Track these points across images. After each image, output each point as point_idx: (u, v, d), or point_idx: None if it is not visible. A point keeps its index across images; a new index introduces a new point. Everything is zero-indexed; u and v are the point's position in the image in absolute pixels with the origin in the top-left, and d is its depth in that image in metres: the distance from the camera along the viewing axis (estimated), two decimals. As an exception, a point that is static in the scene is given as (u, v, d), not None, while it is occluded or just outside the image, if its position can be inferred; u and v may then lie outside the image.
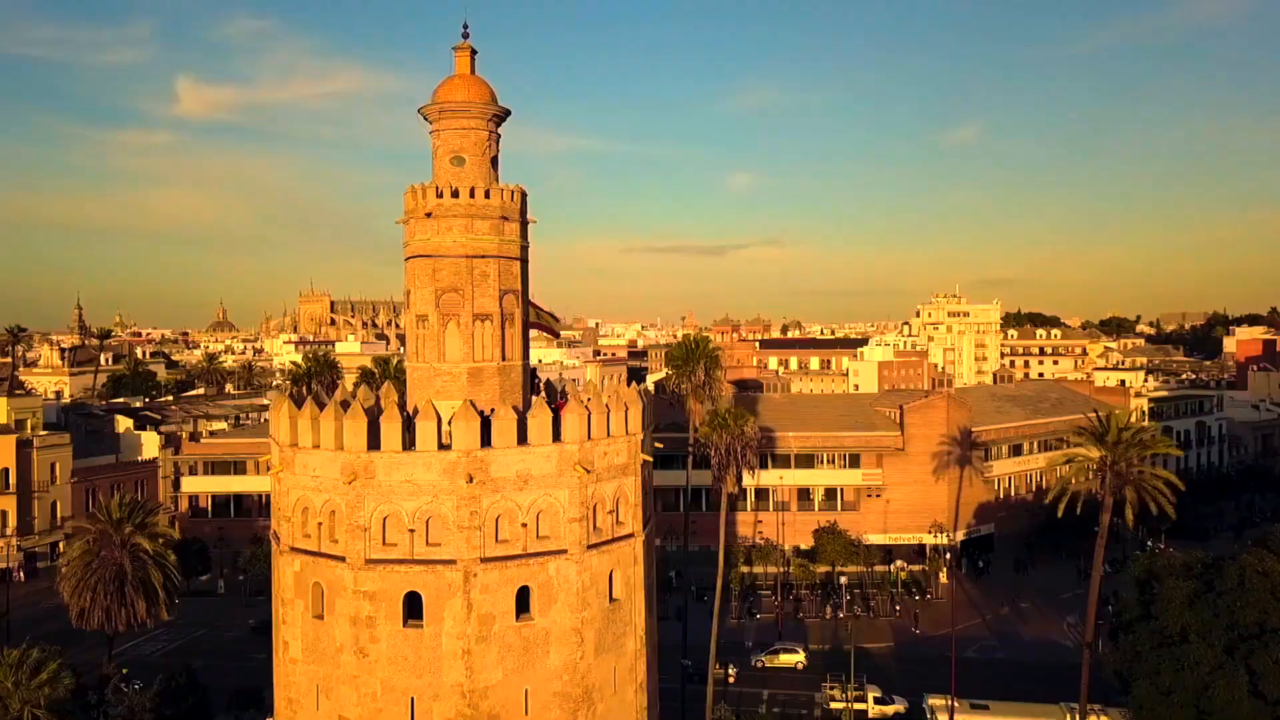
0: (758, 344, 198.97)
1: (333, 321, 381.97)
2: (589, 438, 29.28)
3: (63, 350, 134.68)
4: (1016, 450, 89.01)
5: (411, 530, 27.84)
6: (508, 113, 33.15)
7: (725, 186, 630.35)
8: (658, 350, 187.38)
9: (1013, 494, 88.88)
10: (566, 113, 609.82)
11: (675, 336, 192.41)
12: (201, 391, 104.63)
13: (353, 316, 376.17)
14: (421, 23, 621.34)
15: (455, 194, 31.19)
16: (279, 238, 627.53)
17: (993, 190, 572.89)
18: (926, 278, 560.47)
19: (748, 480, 64.69)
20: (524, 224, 32.96)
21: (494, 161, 33.12)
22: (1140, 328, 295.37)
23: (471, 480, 27.59)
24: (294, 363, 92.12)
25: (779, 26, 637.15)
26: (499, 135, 33.47)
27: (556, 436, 28.98)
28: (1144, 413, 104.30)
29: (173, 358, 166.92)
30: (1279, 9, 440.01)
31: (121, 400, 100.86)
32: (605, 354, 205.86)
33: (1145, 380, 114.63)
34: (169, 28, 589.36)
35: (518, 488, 28.19)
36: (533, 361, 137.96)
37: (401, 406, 31.54)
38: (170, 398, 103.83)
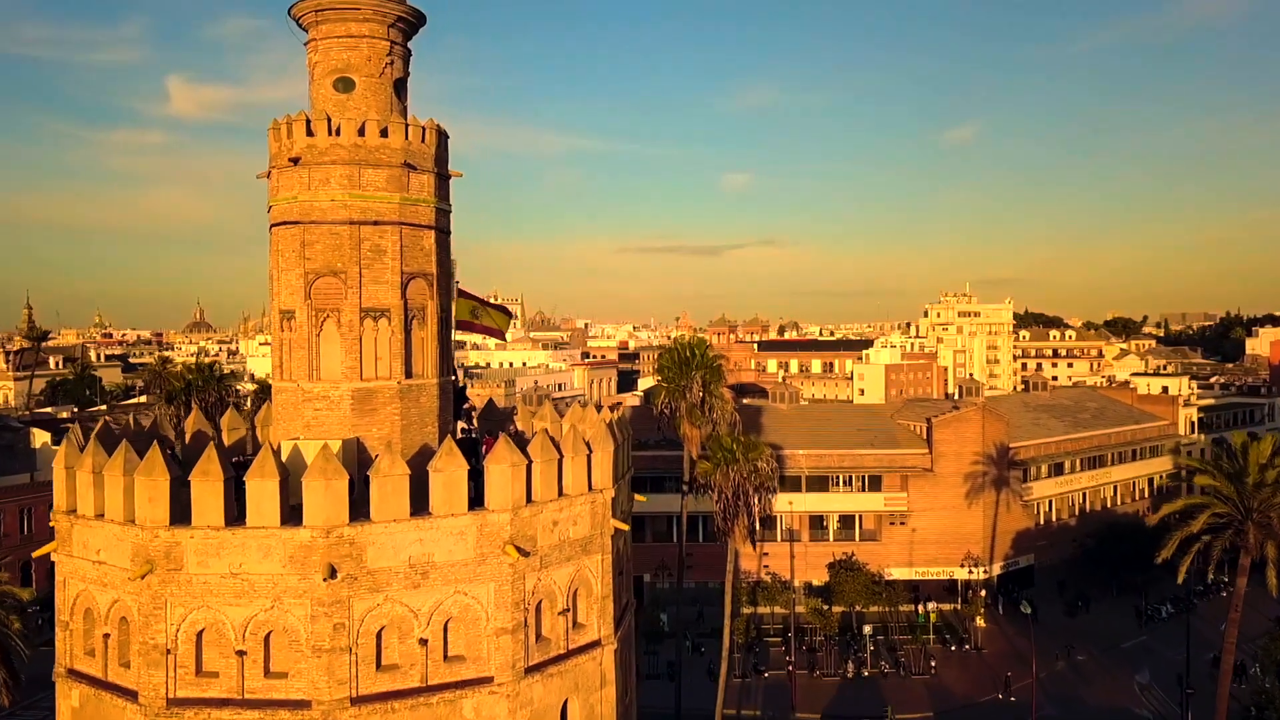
0: (756, 346, 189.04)
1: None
2: (528, 500, 18.87)
3: (8, 354, 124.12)
4: (1058, 469, 78.58)
5: (242, 653, 17.43)
6: (420, 18, 22.72)
7: (721, 186, 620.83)
8: (650, 352, 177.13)
9: (1054, 519, 78.41)
10: (563, 112, 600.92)
11: (669, 338, 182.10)
12: (143, 400, 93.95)
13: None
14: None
15: (335, 131, 20.80)
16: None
17: (990, 191, 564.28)
18: (924, 278, 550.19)
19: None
20: (443, 178, 22.55)
21: (399, 87, 22.69)
22: (1146, 329, 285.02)
23: (335, 574, 17.17)
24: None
25: (776, 26, 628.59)
26: (408, 51, 23.04)
27: (478, 501, 18.59)
28: (1193, 424, 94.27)
29: (130, 360, 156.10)
30: (1278, 8, 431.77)
31: (49, 409, 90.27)
32: (595, 356, 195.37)
33: (1192, 387, 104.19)
34: (161, 27, 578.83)
35: (411, 584, 17.77)
36: (514, 364, 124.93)
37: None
38: (104, 406, 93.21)
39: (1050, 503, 78.29)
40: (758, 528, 41.75)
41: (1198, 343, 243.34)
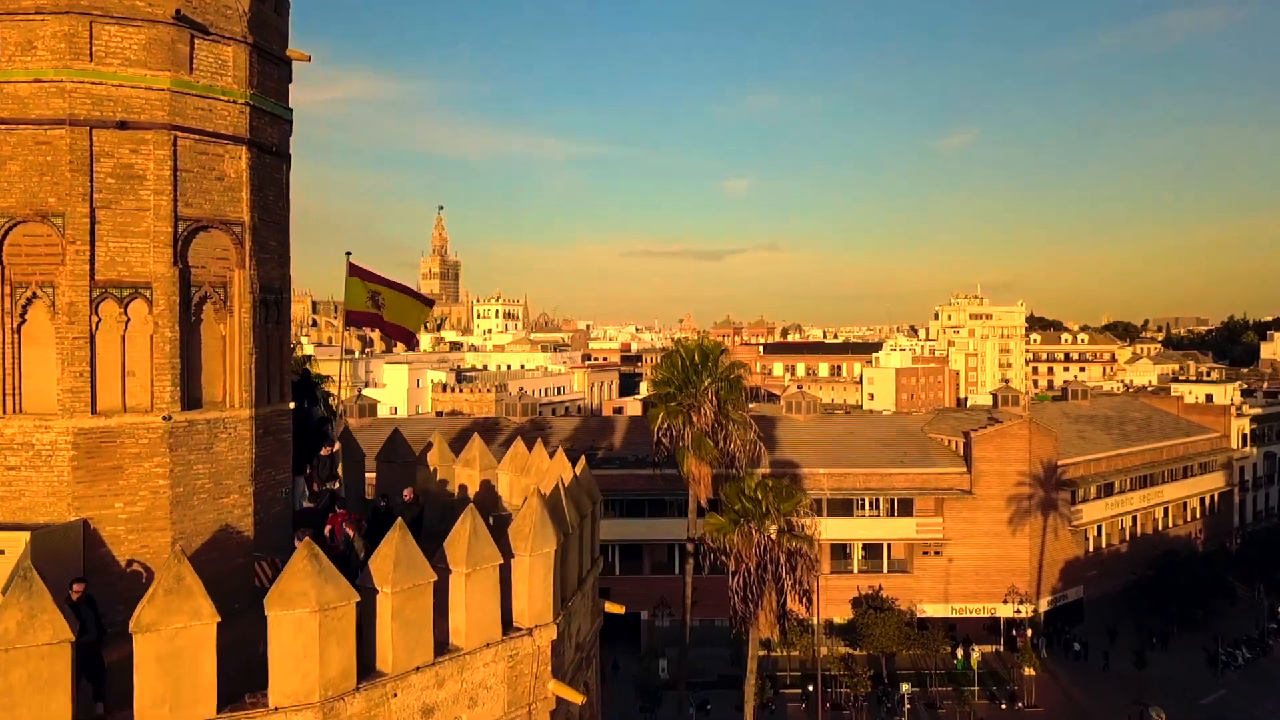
0: (761, 349, 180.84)
1: (314, 323, 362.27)
2: (369, 674, 9.28)
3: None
4: (1107, 489, 68.85)
5: None
6: None
7: (723, 191, 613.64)
8: (653, 355, 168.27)
9: (1104, 546, 68.76)
10: (567, 117, 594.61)
11: (671, 341, 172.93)
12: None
13: (335, 317, 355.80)
14: (427, 30, 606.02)
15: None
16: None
17: (987, 196, 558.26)
18: (921, 283, 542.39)
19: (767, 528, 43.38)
20: (271, 60, 13.02)
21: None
22: (1146, 333, 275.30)
23: None
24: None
25: (775, 35, 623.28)
26: None
27: (256, 684, 9.03)
28: (1245, 436, 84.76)
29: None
30: (1269, 17, 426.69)
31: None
32: (596, 358, 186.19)
33: (1238, 395, 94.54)
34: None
35: None
36: (510, 366, 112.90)
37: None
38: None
39: (1100, 527, 68.64)
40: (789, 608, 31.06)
41: (1200, 346, 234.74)
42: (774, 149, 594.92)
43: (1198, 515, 78.15)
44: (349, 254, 19.18)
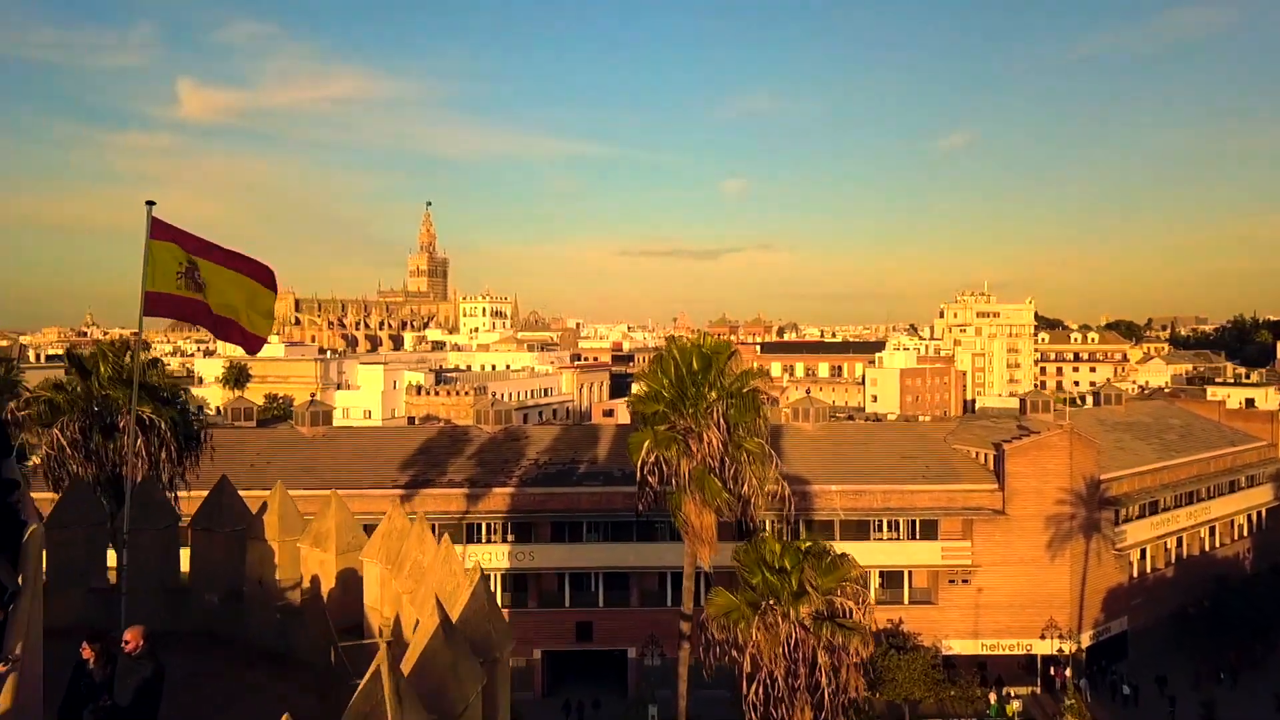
0: (758, 348, 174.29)
1: (297, 321, 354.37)
2: None
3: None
4: (1152, 507, 61.70)
5: None
6: None
7: (719, 191, 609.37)
8: (646, 354, 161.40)
9: (1149, 571, 61.59)
10: (564, 118, 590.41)
11: (666, 341, 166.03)
12: (29, 410, 76.83)
13: (318, 315, 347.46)
14: (420, 29, 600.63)
15: None
16: (275, 239, 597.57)
17: (985, 197, 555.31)
18: (917, 283, 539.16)
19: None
20: None
21: None
22: (1150, 332, 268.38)
23: None
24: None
25: (774, 34, 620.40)
26: None
27: None
28: (1293, 446, 77.62)
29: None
30: (1270, 17, 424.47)
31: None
32: (586, 358, 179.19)
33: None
34: (171, 32, 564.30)
35: None
36: (494, 367, 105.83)
37: None
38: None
39: (1144, 550, 61.49)
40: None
41: (1208, 346, 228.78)
42: (771, 149, 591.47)
43: (1245, 534, 71.04)
44: (150, 204, 12.08)
